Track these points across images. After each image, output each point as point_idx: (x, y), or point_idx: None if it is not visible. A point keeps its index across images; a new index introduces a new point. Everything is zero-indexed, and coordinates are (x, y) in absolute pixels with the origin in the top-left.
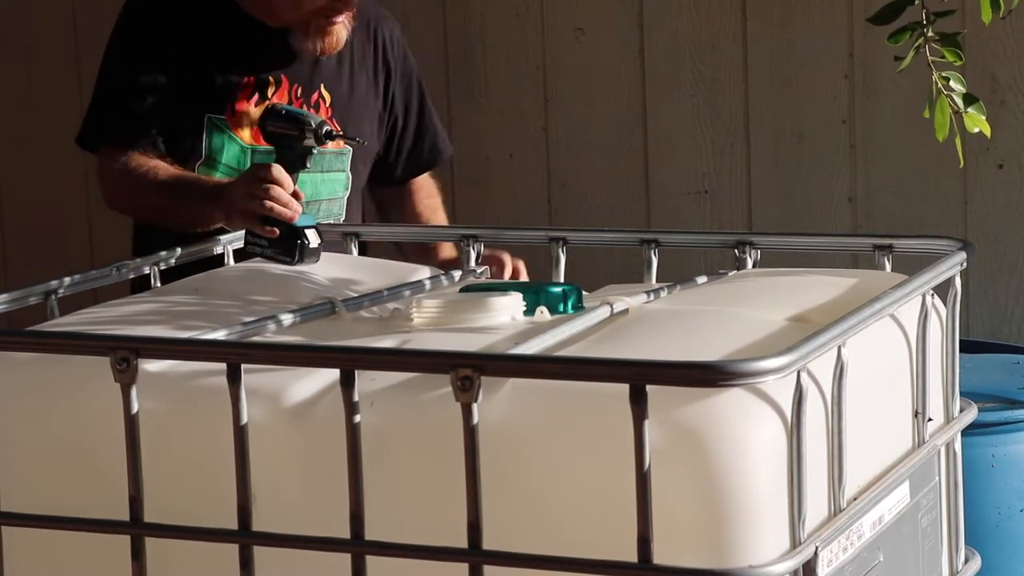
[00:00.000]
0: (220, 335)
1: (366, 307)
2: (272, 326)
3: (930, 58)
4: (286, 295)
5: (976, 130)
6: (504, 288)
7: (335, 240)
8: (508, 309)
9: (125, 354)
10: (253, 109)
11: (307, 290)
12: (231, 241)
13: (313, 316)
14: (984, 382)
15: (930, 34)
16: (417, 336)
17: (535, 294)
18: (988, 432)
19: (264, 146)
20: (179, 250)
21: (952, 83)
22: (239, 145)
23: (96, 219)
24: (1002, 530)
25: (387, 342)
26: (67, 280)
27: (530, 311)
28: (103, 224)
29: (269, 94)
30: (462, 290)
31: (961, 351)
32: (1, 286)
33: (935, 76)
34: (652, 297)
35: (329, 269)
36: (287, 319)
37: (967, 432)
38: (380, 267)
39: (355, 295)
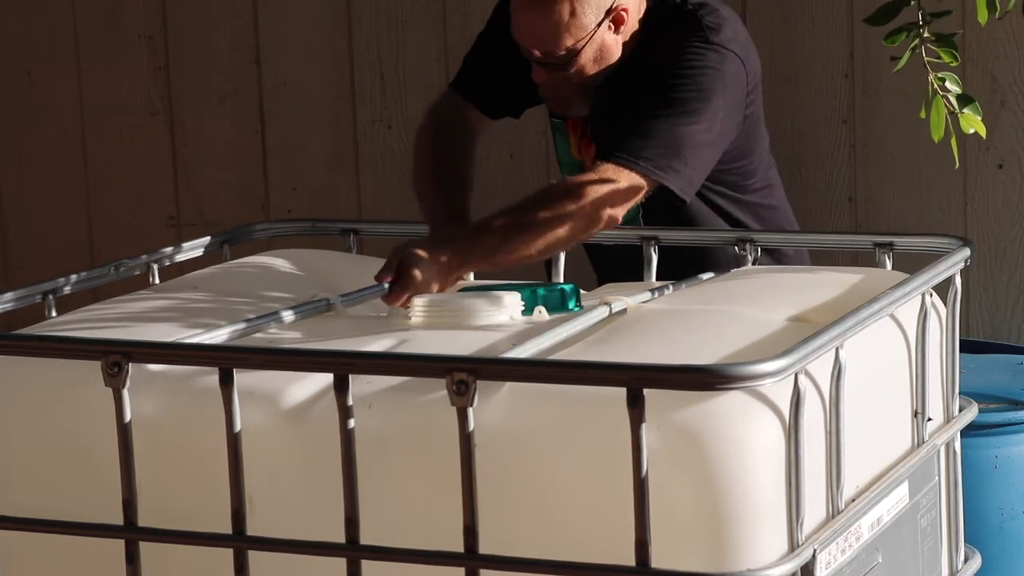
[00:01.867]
0: (217, 334)
1: (363, 300)
2: (270, 325)
3: (926, 59)
4: (285, 292)
5: (972, 131)
6: (503, 288)
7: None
8: (506, 309)
9: (117, 358)
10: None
11: (306, 287)
12: (229, 239)
13: (311, 314)
14: (987, 383)
15: (926, 35)
16: (414, 335)
17: (533, 293)
18: (991, 433)
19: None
20: (177, 247)
21: (948, 84)
22: (569, 153)
23: (96, 219)
24: (1005, 531)
25: (384, 341)
26: (67, 280)
27: (528, 310)
28: (103, 224)
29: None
30: (460, 289)
31: (963, 351)
32: (1, 286)
33: (931, 77)
34: (651, 296)
35: (329, 266)
36: (285, 317)
37: (970, 433)
38: (379, 266)
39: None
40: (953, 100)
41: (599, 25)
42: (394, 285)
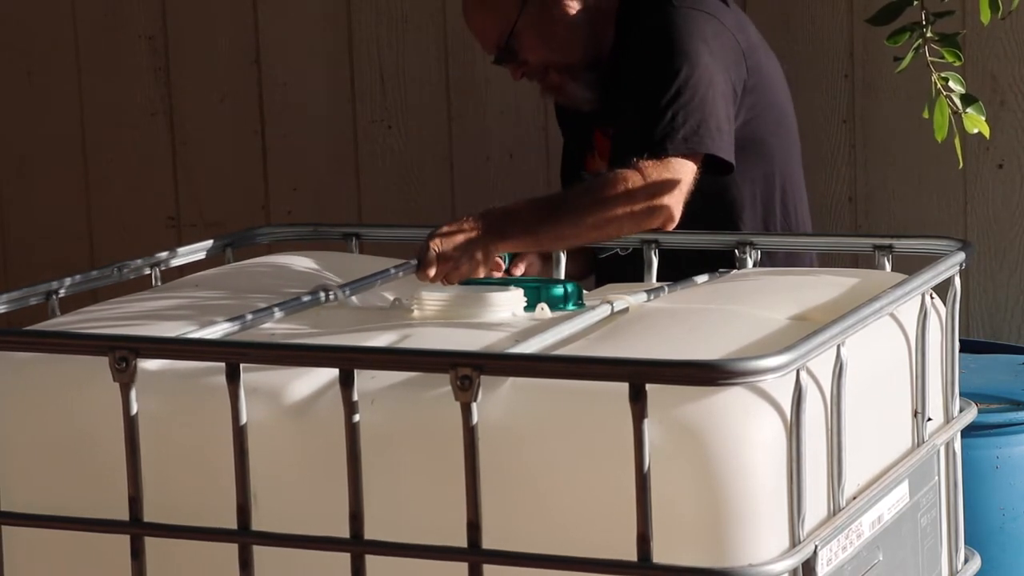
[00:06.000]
0: (220, 329)
1: (362, 291)
2: (273, 320)
3: (929, 59)
4: (287, 290)
5: (975, 131)
6: (505, 283)
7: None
8: (509, 305)
9: (124, 354)
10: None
11: (308, 284)
12: (231, 240)
13: (314, 309)
14: (988, 383)
15: (929, 34)
16: (417, 330)
17: (536, 290)
18: (992, 434)
19: None
20: (179, 250)
21: (951, 83)
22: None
23: (96, 219)
24: (1006, 532)
25: (388, 336)
26: (67, 280)
27: (531, 307)
28: (103, 224)
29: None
30: (463, 283)
31: (963, 351)
32: (1, 286)
33: (934, 77)
34: (652, 296)
35: (329, 265)
36: (289, 313)
37: (971, 434)
38: (381, 265)
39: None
40: (957, 100)
41: (523, 5)
42: (420, 262)
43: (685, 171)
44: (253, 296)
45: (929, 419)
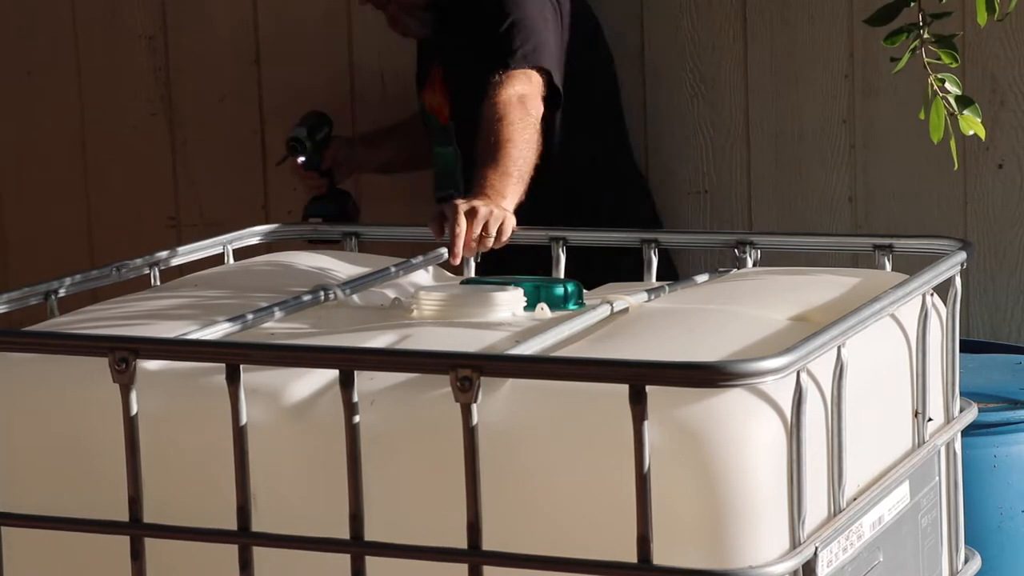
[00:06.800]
0: (220, 329)
1: (363, 288)
2: (273, 320)
3: (926, 60)
4: (287, 289)
5: (971, 132)
6: (505, 283)
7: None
8: (509, 305)
9: (124, 354)
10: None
11: (308, 284)
12: (231, 240)
13: (314, 308)
14: (986, 382)
15: (926, 36)
16: (417, 330)
17: (536, 290)
18: (990, 433)
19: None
20: (179, 250)
21: (948, 85)
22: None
23: (96, 219)
24: (1004, 531)
25: (388, 336)
26: (67, 280)
27: (531, 307)
28: (103, 224)
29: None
30: (463, 282)
31: (962, 351)
32: (1, 286)
33: (931, 78)
34: (652, 296)
35: (329, 264)
36: (289, 312)
37: (969, 433)
38: (381, 265)
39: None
40: (952, 101)
41: None
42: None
43: (533, 81)
44: (253, 295)
45: (930, 419)
